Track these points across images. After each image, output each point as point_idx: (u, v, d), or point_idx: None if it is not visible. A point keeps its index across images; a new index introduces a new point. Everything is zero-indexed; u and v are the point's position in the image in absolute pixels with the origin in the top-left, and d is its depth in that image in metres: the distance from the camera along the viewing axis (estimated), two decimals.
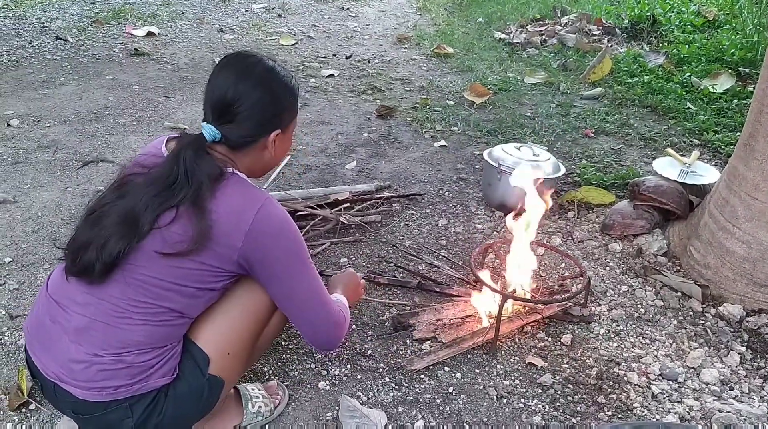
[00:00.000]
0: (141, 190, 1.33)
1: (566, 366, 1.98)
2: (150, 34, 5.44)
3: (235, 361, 1.48)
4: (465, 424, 1.75)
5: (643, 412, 1.81)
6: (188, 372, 1.40)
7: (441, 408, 1.80)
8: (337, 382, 1.86)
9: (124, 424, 1.35)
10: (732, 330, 2.18)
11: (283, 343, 2.00)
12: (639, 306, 2.28)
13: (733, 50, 4.91)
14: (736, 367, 2.01)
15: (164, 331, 1.36)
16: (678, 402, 1.86)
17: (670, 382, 1.93)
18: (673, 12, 6.22)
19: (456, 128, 3.88)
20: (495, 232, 2.73)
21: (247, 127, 1.42)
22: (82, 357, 1.31)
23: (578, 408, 1.82)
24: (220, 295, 1.45)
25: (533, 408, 1.81)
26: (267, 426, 1.70)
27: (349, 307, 1.78)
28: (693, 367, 2.00)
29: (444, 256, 2.53)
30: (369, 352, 1.98)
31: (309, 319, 1.49)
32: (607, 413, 1.80)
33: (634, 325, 2.18)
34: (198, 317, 1.44)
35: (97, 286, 1.33)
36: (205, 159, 1.37)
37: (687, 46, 5.19)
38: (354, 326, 2.10)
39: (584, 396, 1.86)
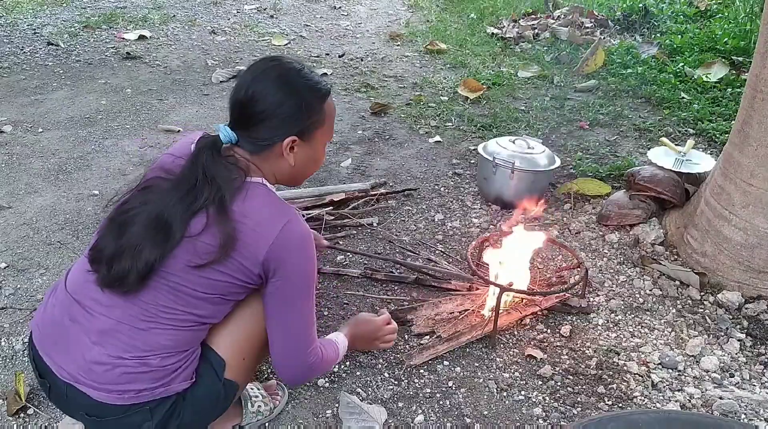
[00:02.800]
0: (166, 195, 1.32)
1: (566, 357, 1.97)
2: (141, 37, 5.42)
3: (248, 365, 1.48)
4: (465, 417, 1.74)
5: (644, 400, 1.81)
6: (205, 376, 1.40)
7: (441, 402, 1.79)
8: (336, 379, 1.86)
9: (143, 428, 1.35)
10: (731, 317, 2.17)
11: None
12: (637, 295, 2.28)
13: (726, 39, 4.90)
14: (736, 354, 2.01)
15: (189, 335, 1.36)
16: (678, 390, 1.85)
17: (670, 371, 1.93)
18: (665, 3, 6.22)
19: (450, 124, 3.87)
20: (491, 226, 2.73)
21: (259, 130, 1.39)
22: (105, 359, 1.30)
23: (578, 398, 1.81)
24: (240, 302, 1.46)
25: (533, 400, 1.81)
26: (266, 425, 1.69)
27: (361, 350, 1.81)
28: (693, 355, 1.99)
29: (441, 251, 2.52)
30: None
31: (286, 348, 1.43)
32: (607, 403, 1.80)
33: (632, 315, 2.18)
34: (226, 333, 1.44)
35: (129, 293, 1.31)
36: (221, 161, 1.36)
37: (680, 36, 5.19)
38: None
39: (584, 386, 1.86)
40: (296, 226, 1.36)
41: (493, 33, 5.90)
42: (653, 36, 5.56)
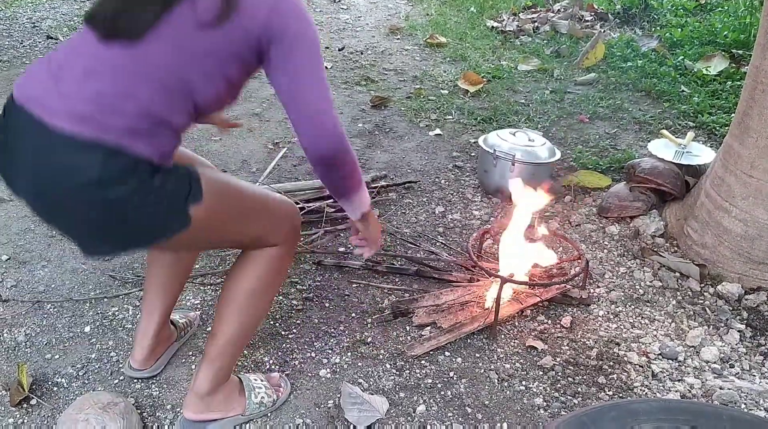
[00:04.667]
0: None
1: (566, 348, 1.98)
2: None
3: (217, 227, 1.42)
4: (467, 407, 1.75)
5: (644, 391, 1.82)
6: (173, 185, 1.32)
7: (442, 392, 1.80)
8: (338, 369, 1.86)
9: (87, 171, 1.22)
10: (731, 308, 2.18)
11: (282, 333, 2.00)
12: (637, 287, 2.29)
13: (726, 32, 4.90)
14: (736, 344, 2.02)
15: (170, 105, 1.29)
16: (678, 380, 1.86)
17: (670, 361, 1.94)
18: None
19: (451, 117, 3.87)
20: (492, 218, 2.73)
21: None
22: (86, 93, 1.23)
23: (579, 389, 1.82)
24: (230, 89, 1.39)
25: (534, 390, 1.82)
26: (269, 415, 1.70)
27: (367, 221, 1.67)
28: (693, 346, 2.00)
29: (442, 243, 2.53)
30: (369, 340, 1.98)
31: (313, 118, 1.36)
32: (607, 393, 1.81)
33: (633, 306, 2.18)
34: (215, 175, 1.43)
35: (127, 41, 1.27)
36: None
37: (680, 29, 5.19)
38: (353, 314, 2.10)
39: (585, 377, 1.87)
40: None
41: (492, 26, 5.90)
42: (653, 29, 5.55)
